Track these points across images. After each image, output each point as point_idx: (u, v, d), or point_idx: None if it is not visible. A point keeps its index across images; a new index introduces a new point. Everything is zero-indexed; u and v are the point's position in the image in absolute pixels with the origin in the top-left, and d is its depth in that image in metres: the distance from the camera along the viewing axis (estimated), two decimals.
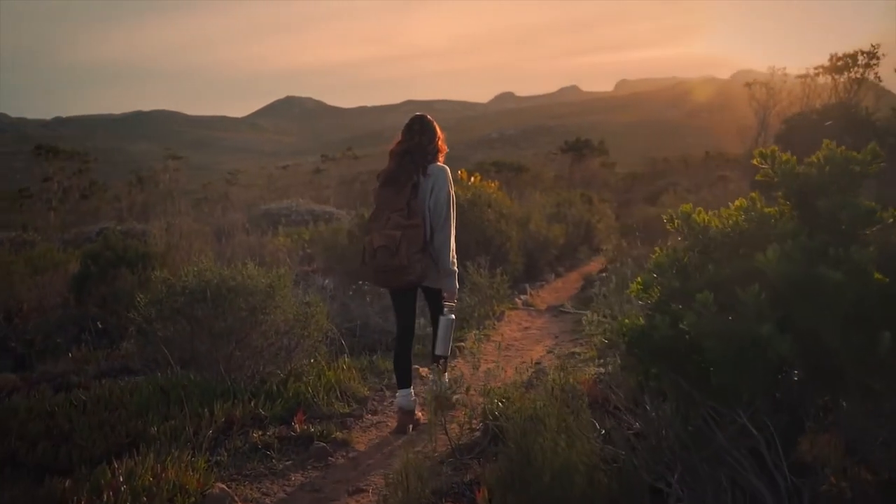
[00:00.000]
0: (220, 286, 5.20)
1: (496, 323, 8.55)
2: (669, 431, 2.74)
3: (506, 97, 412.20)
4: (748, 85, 24.42)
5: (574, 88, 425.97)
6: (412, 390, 5.10)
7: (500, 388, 5.17)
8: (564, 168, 35.58)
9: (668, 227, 3.17)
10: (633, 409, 3.34)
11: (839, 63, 19.11)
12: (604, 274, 12.26)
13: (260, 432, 4.63)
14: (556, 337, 7.97)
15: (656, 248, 3.11)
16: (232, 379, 5.21)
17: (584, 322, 6.50)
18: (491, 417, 4.59)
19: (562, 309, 9.50)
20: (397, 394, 5.05)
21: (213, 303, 5.15)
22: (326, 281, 11.27)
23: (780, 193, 2.93)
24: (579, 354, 6.87)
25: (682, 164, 43.96)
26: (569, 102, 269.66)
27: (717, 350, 2.37)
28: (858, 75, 19.40)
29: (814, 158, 2.90)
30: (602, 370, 6.04)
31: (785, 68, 23.00)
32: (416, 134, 5.00)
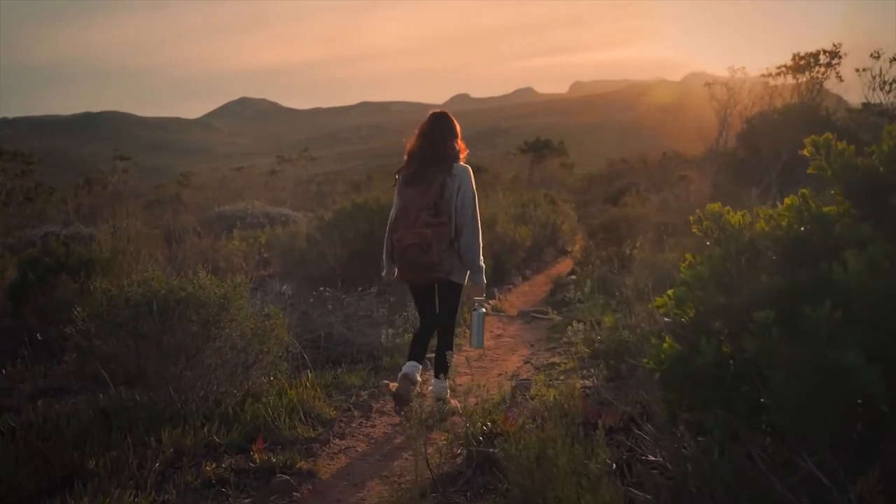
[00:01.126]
0: (167, 297, 4.65)
1: (467, 331, 8.08)
2: (714, 476, 2.27)
3: (461, 98, 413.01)
4: (708, 85, 24.28)
5: (529, 90, 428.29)
6: (419, 365, 5.26)
7: (481, 406, 4.71)
8: (523, 168, 35.25)
9: (695, 229, 2.71)
10: (657, 443, 2.87)
11: (801, 62, 19.01)
12: (573, 276, 11.87)
13: (214, 464, 4.08)
14: (532, 345, 7.52)
15: (687, 256, 2.64)
16: (182, 400, 4.67)
17: (569, 332, 6.04)
18: (475, 442, 4.11)
19: (535, 314, 9.06)
20: (405, 364, 5.22)
21: (161, 316, 4.59)
22: (284, 287, 10.70)
23: (836, 190, 2.48)
24: (559, 365, 6.44)
25: (641, 164, 43.95)
26: (524, 104, 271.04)
27: (785, 382, 1.92)
28: (820, 75, 19.34)
29: (875, 149, 2.43)
30: (587, 383, 5.60)
31: (744, 68, 22.85)
32: (439, 136, 5.15)
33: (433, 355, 5.57)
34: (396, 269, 5.18)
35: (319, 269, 10.58)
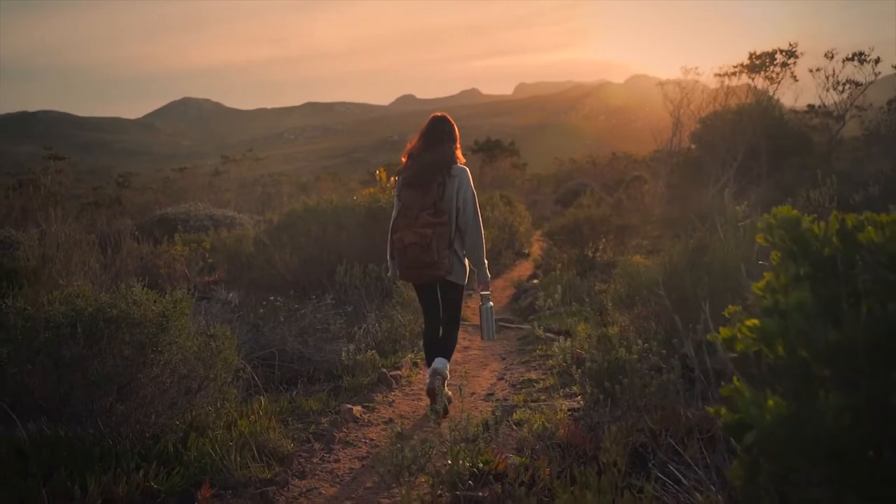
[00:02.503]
0: (95, 317, 3.96)
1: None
2: None
3: (407, 99, 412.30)
4: (661, 84, 24.06)
5: (474, 91, 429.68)
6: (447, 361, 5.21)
7: (460, 434, 4.12)
8: (473, 169, 34.71)
9: (761, 240, 2.15)
10: None
11: (757, 61, 18.83)
12: (535, 281, 11.36)
13: None
14: (504, 358, 6.96)
15: (767, 275, 2.07)
16: (114, 436, 3.99)
17: (556, 349, 5.48)
18: (461, 485, 3.52)
19: (502, 324, 8.50)
20: (427, 374, 5.17)
21: (87, 339, 3.91)
22: (231, 294, 10.00)
23: None
24: (536, 382, 5.89)
25: (590, 164, 43.83)
26: (469, 105, 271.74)
27: None
28: (775, 75, 19.18)
29: None
30: (573, 403, 5.05)
31: (697, 68, 22.63)
32: (440, 140, 5.24)
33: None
34: (398, 270, 5.26)
35: (268, 275, 9.90)
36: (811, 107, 23.13)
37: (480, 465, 3.67)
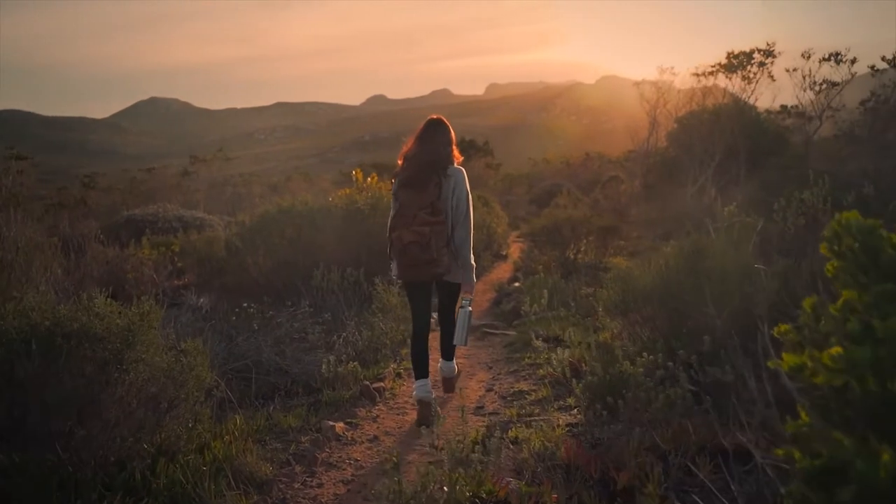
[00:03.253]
0: (52, 332, 3.59)
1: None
2: None
3: (378, 99, 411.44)
4: (637, 84, 23.88)
5: (445, 91, 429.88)
6: (429, 381, 5.24)
7: (453, 455, 3.78)
8: None
9: (825, 250, 1.84)
10: None
11: (735, 61, 18.69)
12: (516, 284, 11.07)
13: None
14: (490, 367, 6.63)
15: (846, 293, 1.75)
16: (75, 463, 3.61)
17: (554, 362, 5.15)
18: None
19: (486, 329, 8.19)
20: (415, 385, 5.24)
21: (43, 357, 3.53)
22: (202, 300, 9.61)
23: None
24: (528, 394, 5.58)
25: (564, 165, 43.67)
26: (441, 105, 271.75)
27: None
28: (752, 74, 19.07)
29: None
30: (570, 418, 4.75)
31: (673, 68, 22.48)
32: (436, 142, 5.29)
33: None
34: (397, 269, 5.28)
35: (241, 280, 9.51)
36: (784, 107, 23.10)
37: (483, 494, 3.35)
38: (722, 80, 20.24)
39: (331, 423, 4.81)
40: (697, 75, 19.78)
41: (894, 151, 16.16)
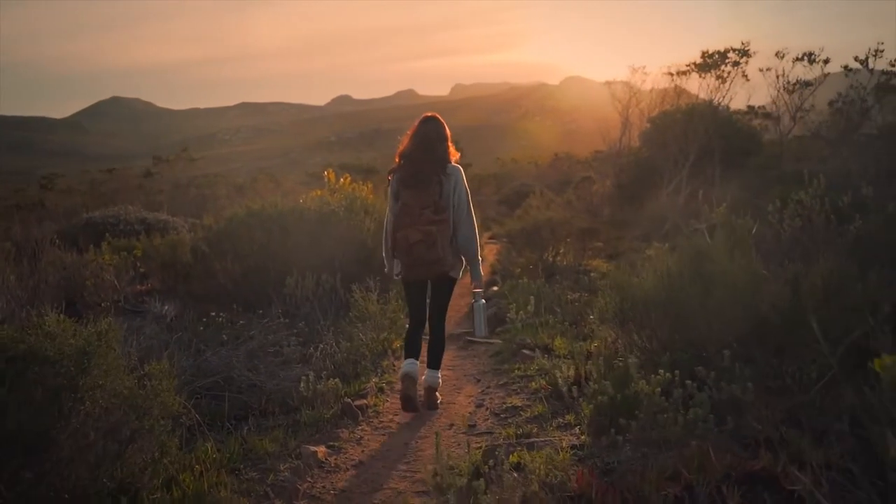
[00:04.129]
0: None
1: (395, 363, 6.73)
2: None
3: (343, 100, 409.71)
4: (608, 83, 23.64)
5: (411, 92, 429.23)
6: (417, 361, 5.35)
7: (449, 485, 3.40)
8: None
9: None
10: None
11: (709, 60, 18.51)
12: (494, 288, 10.69)
13: None
14: (478, 380, 6.23)
15: None
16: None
17: (559, 379, 4.74)
18: None
19: (469, 338, 7.79)
20: (404, 362, 5.36)
21: None
22: (166, 307, 9.10)
23: None
24: (522, 410, 5.18)
25: (533, 165, 43.46)
26: (406, 105, 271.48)
27: None
28: (726, 74, 18.91)
29: None
30: (572, 439, 4.37)
31: (645, 67, 22.26)
32: (432, 138, 5.35)
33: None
34: (399, 268, 5.37)
35: (208, 286, 9.02)
36: (751, 108, 23.02)
37: None
38: (693, 81, 20.10)
39: (311, 447, 4.37)
40: (671, 74, 19.57)
41: (872, 151, 16.05)
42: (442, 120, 5.52)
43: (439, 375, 5.49)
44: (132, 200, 23.45)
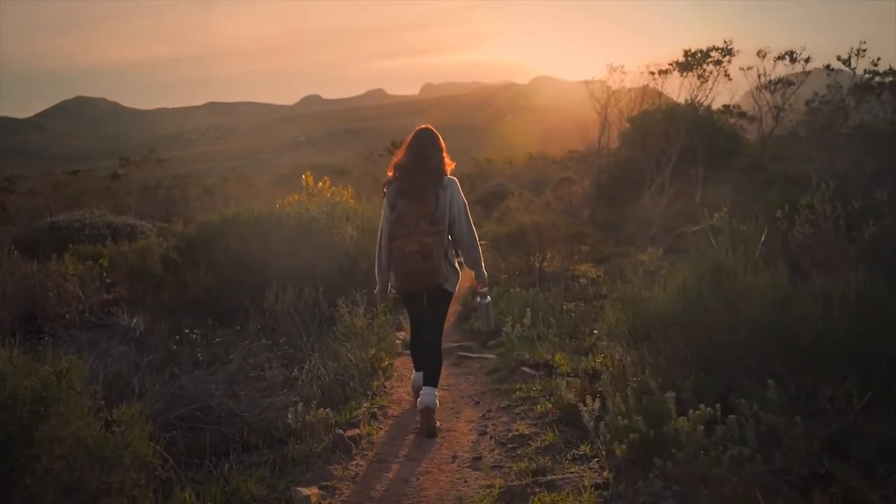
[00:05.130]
0: None
1: (386, 384, 6.26)
2: None
3: (312, 99, 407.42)
4: (587, 83, 23.26)
5: (380, 91, 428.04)
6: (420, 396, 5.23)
7: None
8: (384, 170, 33.34)
9: None
10: None
11: (690, 59, 18.22)
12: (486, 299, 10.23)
13: None
14: (477, 402, 5.76)
15: None
16: None
17: (584, 416, 4.26)
18: None
19: (460, 353, 7.33)
20: (414, 375, 5.65)
21: None
22: (135, 320, 8.55)
23: None
24: (530, 438, 4.74)
25: (507, 165, 43.08)
26: (375, 105, 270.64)
27: None
28: (708, 73, 18.64)
29: None
30: (593, 475, 3.93)
31: (623, 66, 21.94)
32: (429, 151, 5.33)
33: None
34: (394, 279, 5.32)
35: (179, 297, 8.49)
36: (726, 107, 22.82)
37: None
38: (674, 80, 19.82)
39: (303, 490, 3.88)
40: (652, 73, 19.25)
41: (856, 150, 15.84)
42: (436, 132, 5.49)
43: (437, 394, 5.17)
44: (98, 203, 22.75)
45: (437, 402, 5.16)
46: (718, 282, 4.85)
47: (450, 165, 5.44)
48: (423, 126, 5.53)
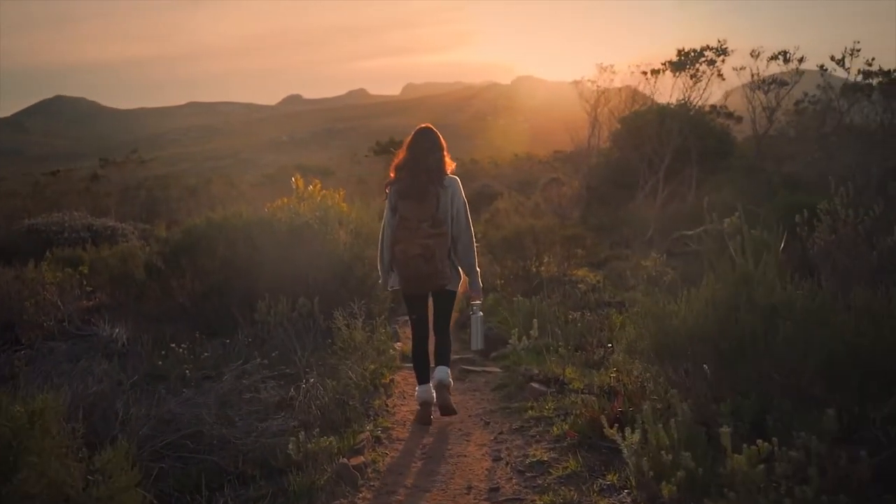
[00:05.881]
0: None
1: (388, 402, 5.87)
2: None
3: (294, 99, 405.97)
4: (576, 82, 22.92)
5: (362, 91, 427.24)
6: (431, 385, 5.41)
7: None
8: (376, 171, 32.99)
9: None
10: None
11: (683, 58, 17.94)
12: (478, 301, 9.87)
13: None
14: (487, 423, 5.37)
15: None
16: None
17: (625, 451, 3.88)
18: None
19: (464, 366, 6.96)
20: (417, 388, 5.48)
21: None
22: (116, 330, 8.12)
23: None
24: (550, 466, 4.37)
25: (492, 165, 42.74)
26: (357, 105, 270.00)
27: None
28: (701, 73, 18.37)
29: None
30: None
31: (613, 66, 21.61)
32: (429, 150, 5.29)
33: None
34: (398, 281, 5.30)
35: (164, 306, 8.07)
36: (713, 107, 22.59)
37: None
38: (666, 80, 19.54)
39: None
40: (645, 73, 18.95)
41: (853, 152, 15.61)
42: (437, 131, 5.47)
43: (449, 372, 5.46)
44: (78, 205, 22.20)
45: (451, 380, 5.46)
46: (751, 295, 4.50)
47: (450, 165, 5.41)
48: (423, 125, 5.50)
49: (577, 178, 22.62)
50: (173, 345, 6.18)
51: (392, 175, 5.37)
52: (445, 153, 5.39)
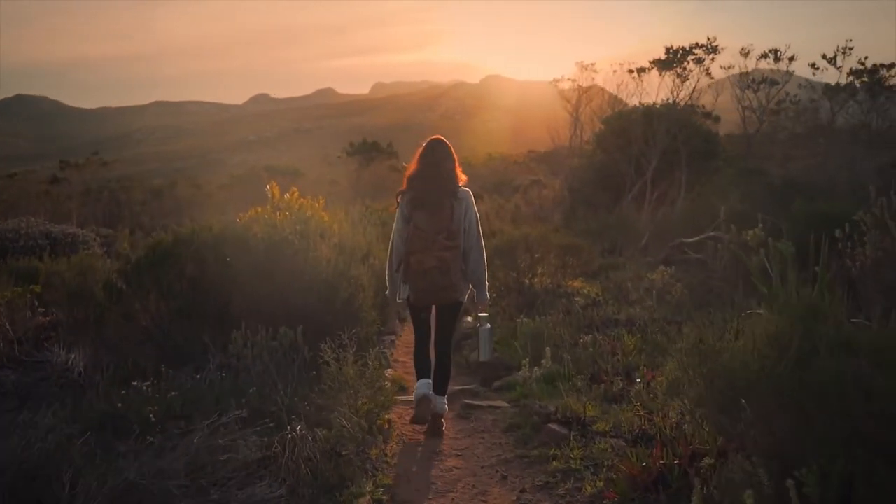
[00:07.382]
0: None
1: (387, 449, 5.10)
2: None
3: (261, 99, 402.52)
4: (556, 81, 22.29)
5: (330, 90, 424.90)
6: (430, 381, 5.41)
7: None
8: (349, 172, 32.13)
9: None
10: None
11: (671, 56, 17.36)
12: (469, 318, 9.16)
13: None
14: (504, 477, 4.56)
15: None
16: None
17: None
18: None
19: (467, 401, 6.19)
20: (417, 383, 5.44)
21: None
22: (72, 356, 7.29)
23: None
24: None
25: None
26: (326, 104, 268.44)
27: None
28: (689, 71, 17.82)
29: None
30: None
31: (594, 64, 20.98)
32: (440, 161, 5.34)
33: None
34: (409, 292, 5.27)
35: (126, 331, 7.23)
36: (691, 106, 22.10)
37: None
38: (652, 78, 18.99)
39: None
40: (631, 71, 18.35)
41: (851, 154, 15.12)
42: (446, 141, 5.49)
43: (446, 401, 5.58)
44: (36, 210, 21.14)
45: (447, 406, 5.61)
46: (824, 333, 3.79)
47: (462, 179, 5.40)
48: (435, 136, 5.52)
49: (558, 180, 22.04)
50: (135, 382, 5.37)
51: (405, 185, 5.36)
52: (457, 165, 5.39)
